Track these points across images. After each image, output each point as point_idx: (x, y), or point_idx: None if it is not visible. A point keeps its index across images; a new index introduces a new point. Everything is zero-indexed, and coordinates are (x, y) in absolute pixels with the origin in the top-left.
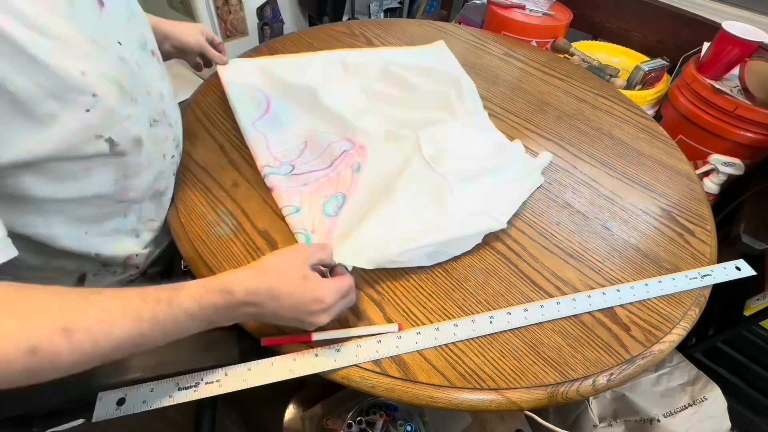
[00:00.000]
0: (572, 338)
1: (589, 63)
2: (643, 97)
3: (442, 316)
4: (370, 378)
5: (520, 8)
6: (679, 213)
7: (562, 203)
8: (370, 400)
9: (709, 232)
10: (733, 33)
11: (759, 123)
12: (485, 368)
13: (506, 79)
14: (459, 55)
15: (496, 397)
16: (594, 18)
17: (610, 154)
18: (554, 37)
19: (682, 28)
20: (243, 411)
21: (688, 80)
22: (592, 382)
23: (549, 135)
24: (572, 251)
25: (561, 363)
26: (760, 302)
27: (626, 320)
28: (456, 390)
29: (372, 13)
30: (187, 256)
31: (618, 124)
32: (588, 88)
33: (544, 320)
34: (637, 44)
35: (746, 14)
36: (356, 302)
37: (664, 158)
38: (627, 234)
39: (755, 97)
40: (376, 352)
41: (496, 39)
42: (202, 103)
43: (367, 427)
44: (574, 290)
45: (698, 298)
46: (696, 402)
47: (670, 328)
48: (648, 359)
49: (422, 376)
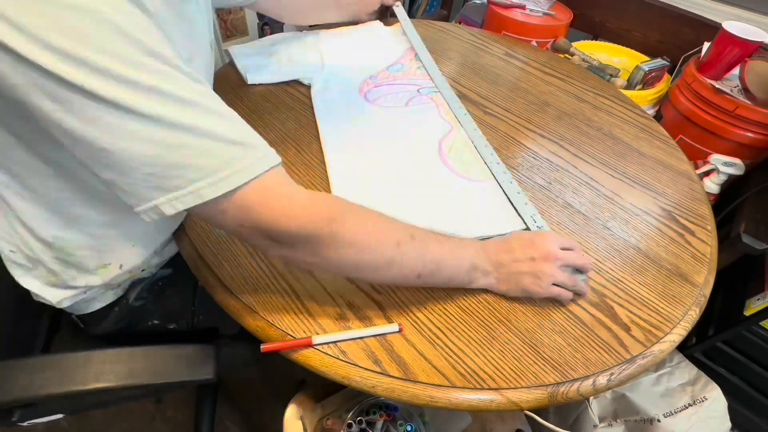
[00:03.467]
0: (572, 338)
1: (589, 63)
2: (643, 96)
3: (442, 316)
4: (371, 378)
5: (520, 8)
6: (680, 213)
7: (563, 203)
8: (371, 400)
9: (710, 231)
10: (733, 33)
11: (759, 123)
12: (485, 368)
13: (506, 79)
14: (459, 54)
15: (496, 397)
16: (594, 18)
17: (610, 154)
18: (554, 37)
19: (683, 28)
20: (243, 411)
21: (688, 80)
22: (592, 382)
23: (549, 135)
24: None
25: (561, 363)
26: (760, 302)
27: (626, 320)
28: (456, 390)
29: None
30: (187, 255)
31: (618, 124)
32: (588, 87)
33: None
34: (637, 44)
35: (746, 14)
36: (357, 304)
37: (665, 158)
38: (627, 234)
39: (755, 97)
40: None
41: (496, 39)
42: None
43: (367, 427)
44: None
45: (698, 298)
46: (696, 402)
47: (671, 328)
48: (648, 359)
49: (422, 375)
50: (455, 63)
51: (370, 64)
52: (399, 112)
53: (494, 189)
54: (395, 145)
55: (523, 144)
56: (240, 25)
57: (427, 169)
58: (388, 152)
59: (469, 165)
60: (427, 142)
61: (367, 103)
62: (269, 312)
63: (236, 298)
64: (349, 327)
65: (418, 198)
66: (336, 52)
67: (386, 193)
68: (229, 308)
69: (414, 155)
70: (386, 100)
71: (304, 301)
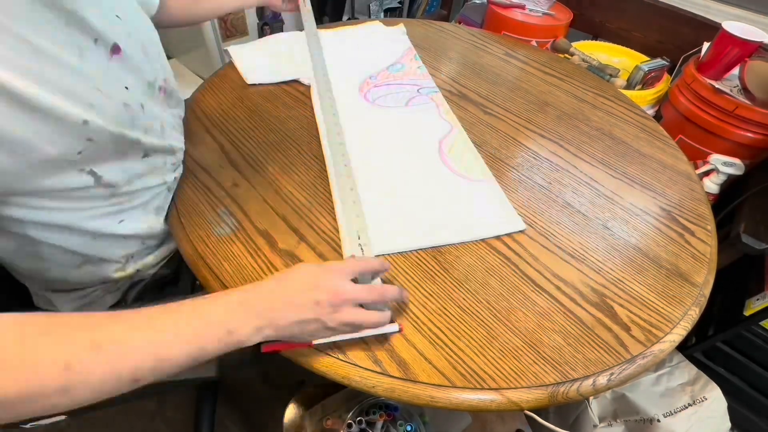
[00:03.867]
0: (572, 338)
1: (589, 63)
2: (643, 97)
3: (442, 316)
4: (371, 378)
5: (520, 8)
6: (680, 213)
7: (563, 203)
8: (371, 400)
9: (710, 231)
10: (733, 33)
11: (759, 123)
12: (485, 368)
13: (506, 79)
14: (459, 54)
15: (496, 397)
16: (594, 18)
17: (610, 153)
18: (554, 37)
19: (682, 27)
20: (243, 411)
21: (688, 80)
22: (592, 381)
23: (549, 135)
24: (572, 251)
25: (561, 363)
26: (759, 302)
27: (626, 320)
28: (456, 390)
29: (372, 13)
30: (187, 256)
31: (618, 124)
32: (588, 87)
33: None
34: (637, 44)
35: (746, 14)
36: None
37: (665, 158)
38: (627, 234)
39: (755, 97)
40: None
41: (496, 39)
42: (202, 103)
43: (367, 427)
44: (574, 290)
45: (698, 298)
46: (696, 402)
47: (671, 328)
48: (648, 359)
49: (423, 375)
50: (455, 63)
51: (370, 64)
52: (399, 112)
53: (494, 189)
54: (395, 145)
55: (523, 144)
56: (240, 25)
57: (428, 169)
58: (388, 152)
59: (469, 165)
60: (427, 142)
61: (367, 103)
62: None
63: None
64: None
65: (419, 198)
66: (336, 52)
67: (386, 193)
68: None
69: (414, 155)
70: (386, 100)
71: None
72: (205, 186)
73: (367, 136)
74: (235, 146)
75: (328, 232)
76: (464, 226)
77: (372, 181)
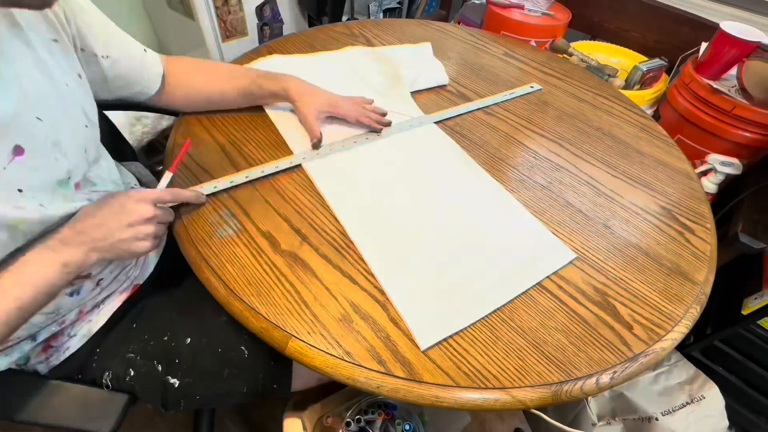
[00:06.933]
0: (575, 337)
1: (587, 63)
2: (641, 96)
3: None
4: (375, 378)
5: (519, 8)
6: (680, 211)
7: (563, 203)
8: (369, 399)
9: (709, 230)
10: (731, 33)
11: (757, 123)
12: (490, 367)
13: (506, 79)
14: (458, 55)
15: (501, 396)
16: (593, 18)
17: (610, 153)
18: (553, 37)
19: (681, 28)
20: (243, 411)
21: (686, 80)
22: (596, 380)
23: (549, 135)
24: (574, 250)
25: (565, 362)
26: (758, 301)
27: (629, 318)
28: (461, 389)
29: (371, 13)
30: (190, 258)
31: (618, 124)
32: (587, 87)
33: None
34: (635, 44)
35: (744, 14)
36: (361, 305)
37: (664, 157)
38: (628, 233)
39: (753, 97)
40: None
41: (495, 39)
42: None
43: (366, 426)
44: (576, 289)
45: (699, 296)
46: (694, 400)
47: (672, 326)
48: (650, 357)
49: (427, 376)
50: (455, 63)
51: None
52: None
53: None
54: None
55: (523, 144)
56: (239, 26)
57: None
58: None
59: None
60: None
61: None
62: (273, 314)
63: (240, 300)
64: (353, 328)
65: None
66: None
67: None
68: (232, 310)
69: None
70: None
71: (308, 302)
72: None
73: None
74: (236, 146)
75: (330, 232)
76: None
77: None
